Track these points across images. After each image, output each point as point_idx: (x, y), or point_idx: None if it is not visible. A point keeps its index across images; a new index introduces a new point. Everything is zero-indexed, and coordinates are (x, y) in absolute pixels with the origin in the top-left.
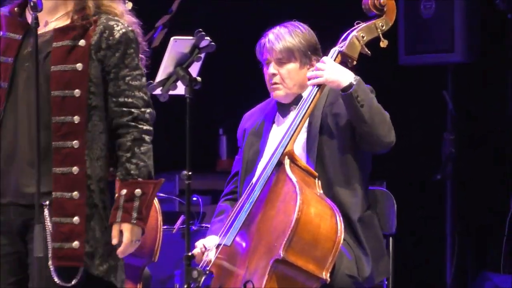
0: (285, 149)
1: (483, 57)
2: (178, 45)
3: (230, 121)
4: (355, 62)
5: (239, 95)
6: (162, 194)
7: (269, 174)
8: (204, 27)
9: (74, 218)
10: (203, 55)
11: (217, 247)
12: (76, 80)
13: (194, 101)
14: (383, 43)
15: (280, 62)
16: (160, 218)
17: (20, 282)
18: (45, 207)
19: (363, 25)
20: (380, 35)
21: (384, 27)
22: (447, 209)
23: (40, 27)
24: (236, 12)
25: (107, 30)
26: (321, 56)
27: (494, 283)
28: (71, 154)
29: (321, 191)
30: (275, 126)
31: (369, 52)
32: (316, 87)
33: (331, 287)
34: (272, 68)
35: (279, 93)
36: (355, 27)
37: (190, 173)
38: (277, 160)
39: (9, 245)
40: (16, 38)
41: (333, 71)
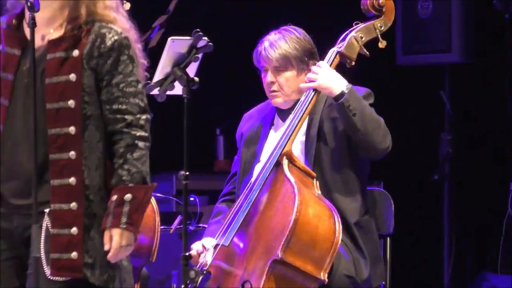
0: (283, 150)
1: (480, 57)
2: (176, 45)
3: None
4: (354, 63)
5: (237, 96)
6: (159, 195)
7: (268, 175)
8: (202, 27)
9: (73, 229)
10: (201, 55)
11: (215, 247)
12: (70, 91)
13: (192, 101)
14: (382, 44)
15: (277, 70)
16: (158, 219)
17: (24, 287)
18: (46, 214)
19: (362, 26)
20: (379, 36)
21: (383, 28)
22: (445, 210)
23: (38, 41)
24: (235, 12)
25: (99, 38)
26: (318, 60)
27: (492, 284)
28: (68, 165)
29: (319, 192)
30: (273, 131)
31: (368, 53)
32: (313, 90)
33: None
34: (270, 77)
35: (278, 100)
36: (354, 28)
37: (187, 173)
38: (276, 161)
39: (9, 250)
40: (15, 54)
41: (326, 78)
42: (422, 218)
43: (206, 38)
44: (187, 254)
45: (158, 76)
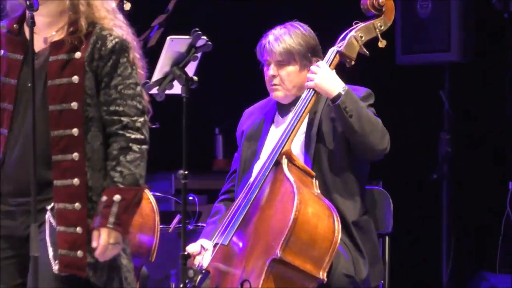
0: (283, 149)
1: (480, 57)
2: (175, 45)
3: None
4: (353, 62)
5: (236, 95)
6: (158, 194)
7: (267, 174)
8: (201, 27)
9: (78, 228)
10: (200, 55)
11: (214, 247)
12: (73, 93)
13: (191, 101)
14: (382, 43)
15: (280, 64)
16: (158, 218)
17: (23, 286)
18: (48, 210)
19: (362, 25)
20: (379, 35)
21: (383, 27)
22: (444, 209)
23: (40, 44)
24: (234, 12)
25: (100, 41)
26: (322, 57)
27: (491, 283)
28: (72, 167)
29: (319, 191)
30: (274, 127)
31: (368, 52)
32: (312, 90)
33: (328, 287)
34: (272, 70)
35: (279, 94)
36: (354, 27)
37: (186, 173)
38: (275, 160)
39: (10, 248)
40: (18, 58)
41: (324, 79)
42: (421, 218)
43: (205, 37)
44: (186, 254)
45: (157, 75)
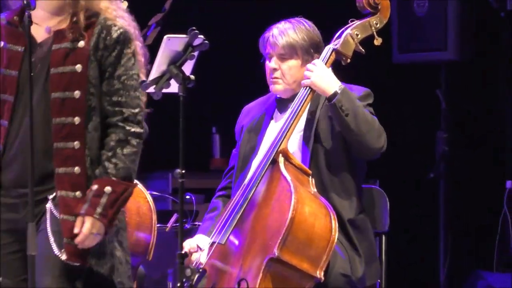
0: (279, 147)
1: (476, 56)
2: (172, 43)
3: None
4: (349, 60)
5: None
6: (156, 193)
7: (263, 172)
8: (198, 26)
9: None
10: (197, 54)
11: (211, 245)
12: (76, 82)
13: (188, 100)
14: (377, 41)
15: (282, 58)
16: (155, 217)
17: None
18: (50, 200)
19: (357, 23)
20: (374, 33)
21: (379, 25)
22: (441, 208)
23: (43, 35)
24: (231, 11)
25: (105, 30)
26: None
27: (487, 282)
28: (72, 155)
29: (315, 190)
30: (273, 123)
31: (363, 50)
32: (308, 88)
33: (325, 286)
34: (274, 63)
35: (278, 87)
36: (349, 25)
37: (184, 172)
38: (272, 158)
39: (16, 242)
40: (19, 50)
41: (320, 77)
42: (418, 216)
43: (202, 36)
44: (183, 253)
45: (154, 74)
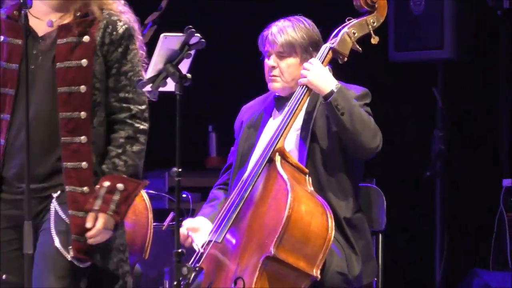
0: (276, 146)
1: (473, 54)
2: (168, 42)
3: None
4: (346, 59)
5: (230, 92)
6: (152, 191)
7: (260, 171)
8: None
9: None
10: (193, 52)
11: (208, 244)
12: (81, 76)
13: (184, 98)
14: (374, 40)
15: (281, 56)
16: (151, 216)
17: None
18: (54, 198)
19: (355, 22)
20: (371, 32)
21: (376, 24)
22: (437, 206)
23: (45, 28)
24: (228, 10)
25: (110, 26)
26: None
27: (484, 280)
28: (79, 150)
29: (312, 188)
30: (271, 120)
31: (360, 49)
32: (305, 87)
33: (322, 285)
34: (272, 61)
35: (276, 85)
36: (346, 24)
37: (180, 170)
38: (268, 157)
39: (19, 240)
40: (19, 44)
41: (317, 76)
42: (415, 215)
43: (199, 35)
44: (180, 251)
45: (151, 73)
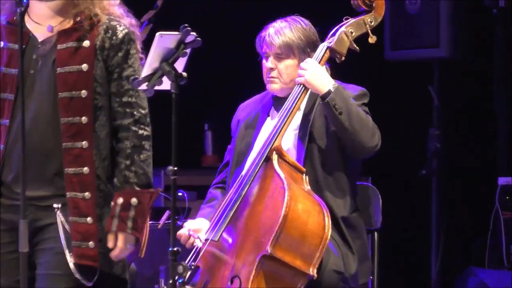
0: (273, 145)
1: (469, 53)
2: (164, 41)
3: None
4: (344, 58)
5: (225, 91)
6: None
7: (257, 169)
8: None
9: (88, 218)
10: (189, 51)
11: (205, 242)
12: (82, 81)
13: (180, 97)
14: (372, 39)
15: (279, 58)
16: None
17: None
18: (57, 210)
19: (352, 21)
20: (369, 31)
21: (373, 23)
22: (433, 205)
23: (45, 33)
24: (224, 8)
25: (110, 30)
26: None
27: (479, 278)
28: (81, 155)
29: (309, 187)
30: (269, 120)
31: (358, 48)
32: (302, 86)
33: (319, 283)
34: (270, 63)
35: (275, 87)
36: (344, 23)
37: (176, 169)
38: (265, 155)
39: (13, 243)
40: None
41: (314, 75)
42: (410, 213)
43: (194, 33)
44: (175, 249)
45: (146, 71)
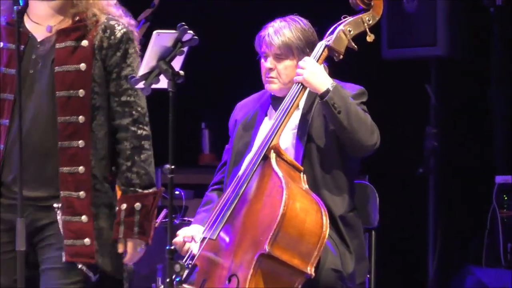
0: (271, 143)
1: (466, 51)
2: (161, 39)
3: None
4: (342, 57)
5: (222, 89)
6: None
7: (255, 168)
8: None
9: (83, 217)
10: (186, 49)
11: (202, 241)
12: (80, 80)
13: (177, 95)
14: (370, 38)
15: (278, 58)
16: None
17: (25, 280)
18: (57, 209)
19: (350, 19)
20: (367, 30)
21: (371, 22)
22: (430, 203)
23: (44, 33)
24: (221, 7)
25: (108, 30)
26: None
27: (476, 277)
28: (77, 154)
29: (307, 186)
30: (267, 119)
31: (356, 47)
32: (300, 85)
33: (316, 282)
34: (270, 63)
35: (274, 87)
36: (342, 21)
37: (173, 167)
38: (263, 154)
39: (12, 243)
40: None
41: (312, 74)
42: (408, 212)
43: (192, 32)
44: (172, 248)
45: (143, 70)
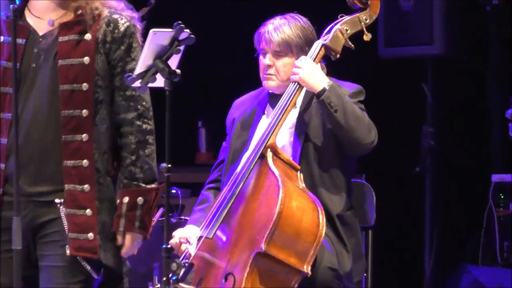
0: (268, 142)
1: (463, 50)
2: (158, 38)
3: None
4: (339, 56)
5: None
6: None
7: (252, 167)
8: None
9: (87, 210)
10: (183, 48)
11: (199, 240)
12: (83, 74)
13: (173, 94)
14: (367, 37)
15: (277, 55)
16: None
17: (25, 278)
18: (59, 205)
19: (347, 18)
20: (364, 29)
21: (368, 21)
22: (427, 202)
23: (46, 27)
24: (220, 6)
25: (112, 23)
26: None
27: (473, 275)
28: (80, 148)
29: (303, 185)
30: (265, 118)
31: (353, 46)
32: (296, 84)
33: (313, 281)
34: (268, 60)
35: (271, 84)
36: (339, 20)
37: (170, 166)
38: (260, 153)
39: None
40: (20, 43)
41: (308, 73)
42: (404, 211)
43: (188, 31)
44: (169, 247)
45: (140, 69)
